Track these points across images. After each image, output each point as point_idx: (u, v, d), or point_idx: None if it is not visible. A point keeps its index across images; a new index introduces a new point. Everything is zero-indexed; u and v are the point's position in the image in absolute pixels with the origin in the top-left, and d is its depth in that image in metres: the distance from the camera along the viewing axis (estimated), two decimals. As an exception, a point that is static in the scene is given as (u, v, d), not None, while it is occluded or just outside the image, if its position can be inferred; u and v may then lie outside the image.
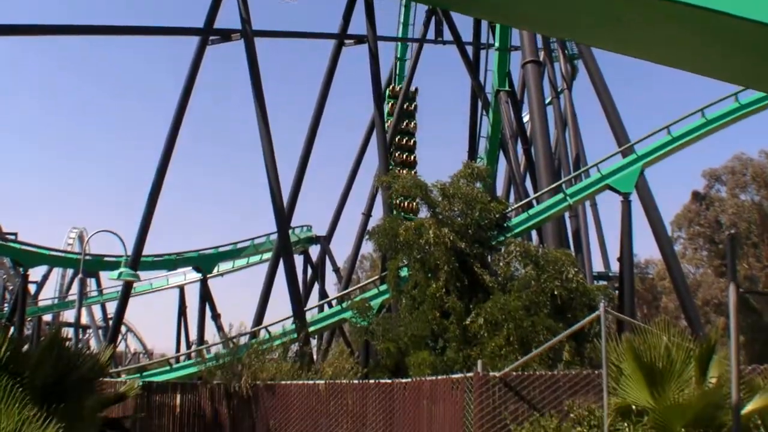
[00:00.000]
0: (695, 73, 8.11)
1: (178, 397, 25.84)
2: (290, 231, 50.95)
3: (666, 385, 12.71)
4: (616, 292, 40.09)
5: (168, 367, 41.34)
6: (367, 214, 58.79)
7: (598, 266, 65.90)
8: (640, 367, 12.97)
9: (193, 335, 64.58)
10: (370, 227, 35.59)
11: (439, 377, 19.43)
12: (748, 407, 12.41)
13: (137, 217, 43.56)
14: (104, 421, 20.55)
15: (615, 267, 56.26)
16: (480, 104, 58.13)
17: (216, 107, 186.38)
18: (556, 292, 25.53)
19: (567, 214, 48.03)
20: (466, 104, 61.04)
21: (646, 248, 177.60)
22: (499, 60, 52.58)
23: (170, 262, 64.67)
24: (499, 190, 57.14)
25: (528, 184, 51.66)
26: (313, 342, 45.35)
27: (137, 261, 42.14)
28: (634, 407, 13.33)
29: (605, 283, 50.20)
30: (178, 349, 63.66)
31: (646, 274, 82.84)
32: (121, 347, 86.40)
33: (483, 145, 58.94)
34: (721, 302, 66.44)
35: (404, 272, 29.96)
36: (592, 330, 23.37)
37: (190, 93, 44.43)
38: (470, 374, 17.28)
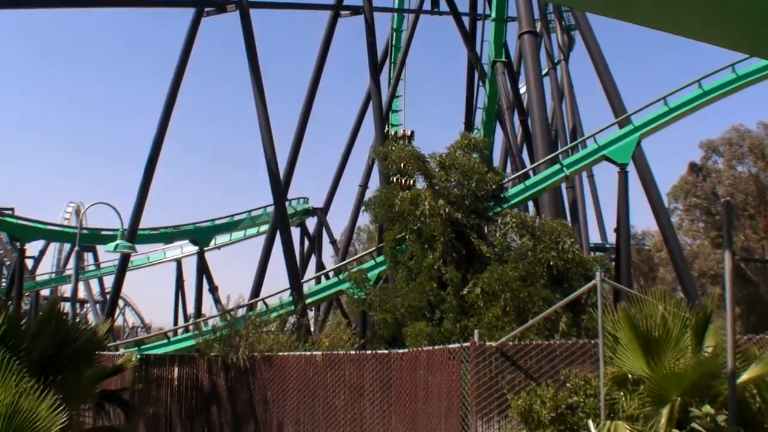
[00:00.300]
0: (700, 40, 8.04)
1: (176, 369, 25.88)
2: (287, 203, 50.89)
3: (662, 354, 12.76)
4: (613, 263, 40.15)
5: (166, 341, 41.35)
6: (364, 186, 58.66)
7: (595, 238, 66.16)
8: (636, 337, 13.02)
9: (191, 308, 64.78)
10: (366, 199, 35.51)
11: (436, 347, 19.41)
12: (744, 376, 12.47)
13: (135, 194, 43.60)
14: (102, 394, 20.63)
15: (612, 238, 56.39)
16: (476, 75, 58.14)
17: (213, 81, 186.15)
18: (552, 263, 25.48)
19: (564, 186, 48.10)
20: (463, 76, 61.04)
21: (643, 220, 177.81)
22: (495, 31, 52.40)
23: (167, 236, 64.75)
24: (496, 162, 57.08)
25: (525, 155, 51.59)
26: (311, 314, 45.45)
27: (134, 234, 42.26)
28: (630, 376, 13.39)
29: (602, 254, 50.28)
30: (175, 323, 63.80)
31: (643, 246, 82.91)
32: (119, 321, 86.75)
33: (480, 116, 58.96)
34: (717, 274, 66.44)
35: (401, 243, 29.93)
36: (589, 301, 23.36)
37: (185, 66, 44.47)
38: (467, 344, 17.30)
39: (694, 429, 11.20)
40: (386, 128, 54.68)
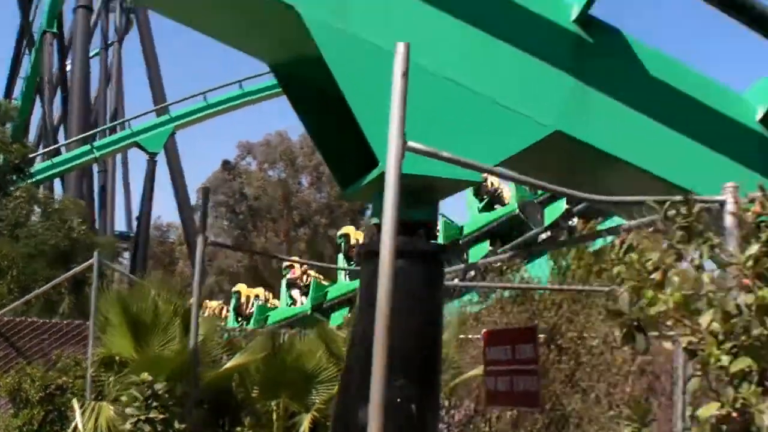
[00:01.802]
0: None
1: None
2: None
3: (150, 338, 13.08)
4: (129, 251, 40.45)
5: None
6: None
7: (122, 226, 65.93)
8: (127, 319, 13.24)
9: None
10: None
11: None
12: (228, 364, 13.16)
13: None
14: None
15: (139, 228, 56.46)
16: (25, 43, 56.21)
17: None
18: (53, 242, 25.27)
19: (96, 169, 47.68)
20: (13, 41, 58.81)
21: (172, 213, 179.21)
22: (52, -1, 50.79)
23: None
24: (33, 138, 55.37)
25: (62, 133, 50.57)
26: None
27: None
28: (117, 358, 13.63)
29: (123, 241, 50.36)
30: None
31: (167, 238, 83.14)
32: None
33: (21, 86, 57.03)
34: (235, 272, 68.33)
35: None
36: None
37: None
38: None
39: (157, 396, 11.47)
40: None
